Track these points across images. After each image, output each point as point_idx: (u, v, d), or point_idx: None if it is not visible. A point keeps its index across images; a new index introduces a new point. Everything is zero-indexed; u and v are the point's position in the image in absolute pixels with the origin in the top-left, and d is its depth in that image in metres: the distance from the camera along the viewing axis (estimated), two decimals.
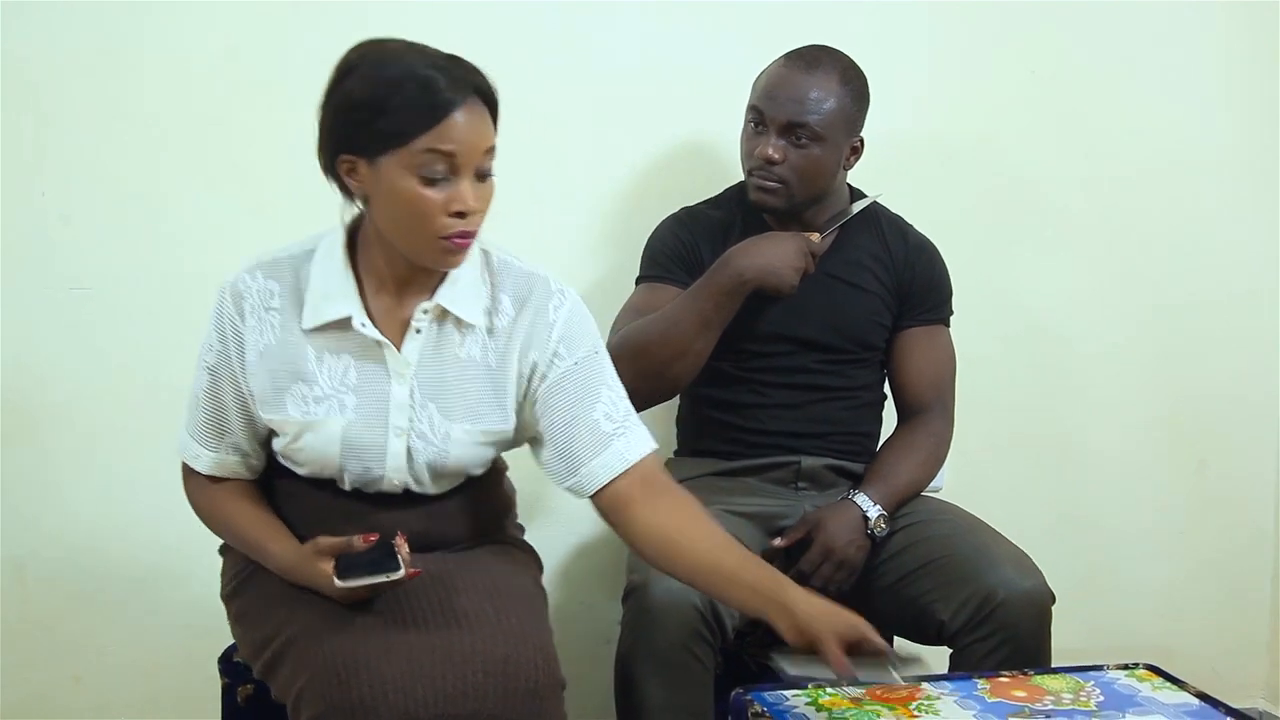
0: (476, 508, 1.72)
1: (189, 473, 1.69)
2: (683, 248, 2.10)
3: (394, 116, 1.45)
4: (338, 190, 1.55)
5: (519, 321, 1.62)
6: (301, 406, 1.58)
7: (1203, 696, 1.61)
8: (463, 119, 1.47)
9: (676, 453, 2.22)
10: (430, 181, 1.47)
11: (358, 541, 1.53)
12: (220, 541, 1.77)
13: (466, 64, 1.51)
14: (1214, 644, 2.69)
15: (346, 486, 1.63)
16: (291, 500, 1.67)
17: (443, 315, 1.60)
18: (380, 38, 1.53)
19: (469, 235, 1.52)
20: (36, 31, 2.09)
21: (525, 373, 1.62)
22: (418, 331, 1.59)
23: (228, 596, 1.72)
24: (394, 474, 1.61)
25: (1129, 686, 1.64)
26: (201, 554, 1.83)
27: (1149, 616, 2.68)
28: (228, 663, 1.82)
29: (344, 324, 1.57)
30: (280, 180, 1.71)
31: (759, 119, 2.01)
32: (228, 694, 1.83)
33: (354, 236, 1.61)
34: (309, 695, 1.47)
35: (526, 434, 1.68)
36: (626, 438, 1.63)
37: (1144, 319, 2.62)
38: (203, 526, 1.86)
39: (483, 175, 1.52)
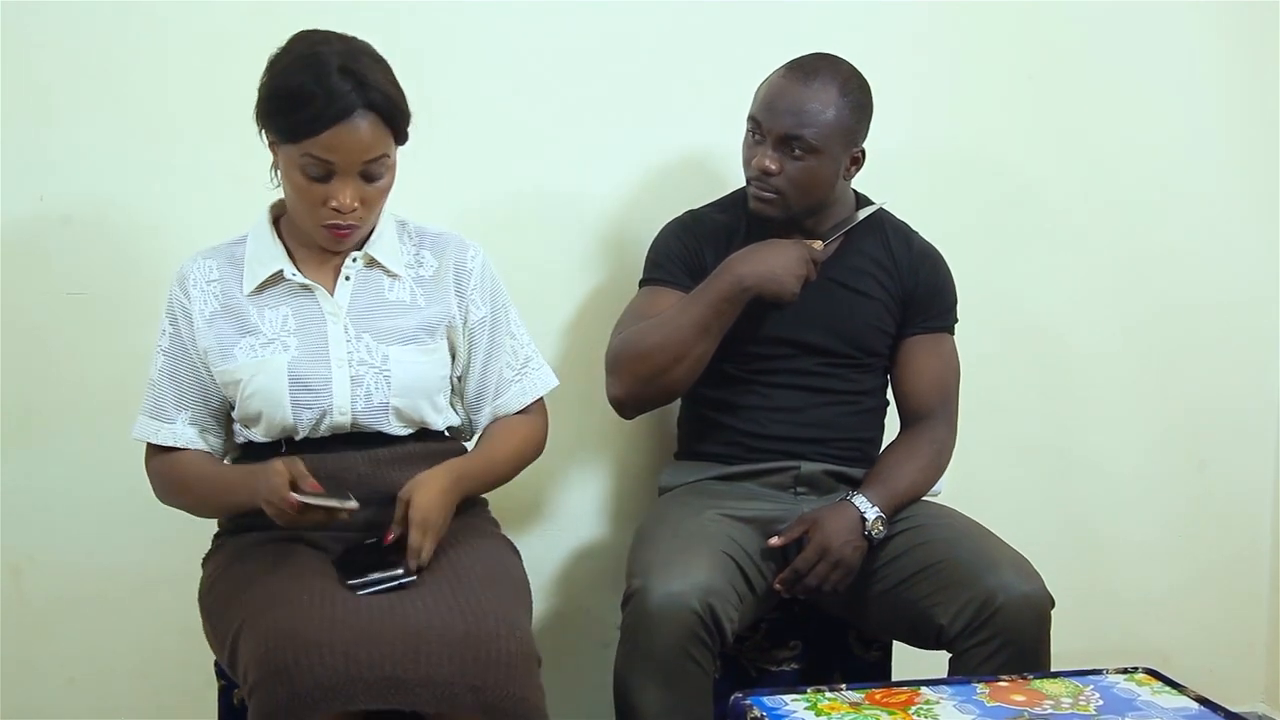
0: (430, 460, 1.78)
1: (151, 453, 1.82)
2: (686, 252, 2.10)
3: (286, 119, 1.65)
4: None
5: (442, 269, 1.84)
6: (249, 354, 1.75)
7: (1202, 700, 1.61)
8: (344, 133, 1.64)
9: (676, 455, 2.22)
10: (312, 178, 1.67)
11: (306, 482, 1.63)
12: (204, 553, 1.82)
13: (372, 76, 1.66)
14: (1213, 648, 2.69)
15: (300, 433, 1.75)
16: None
17: (371, 263, 1.80)
18: (316, 31, 1.72)
19: (346, 229, 1.72)
20: (37, 34, 2.08)
21: (453, 314, 1.83)
22: (347, 278, 1.79)
23: (201, 599, 1.77)
24: (342, 401, 1.74)
25: (1128, 690, 1.64)
26: (198, 558, 1.83)
27: (1148, 620, 2.68)
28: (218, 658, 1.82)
29: (277, 279, 1.78)
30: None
31: (757, 129, 2.01)
32: (224, 696, 1.83)
33: (283, 210, 1.81)
34: (250, 667, 1.51)
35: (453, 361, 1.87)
36: (523, 382, 1.89)
37: (1144, 325, 2.62)
38: (195, 529, 1.87)
39: (370, 177, 1.70)
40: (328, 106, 1.62)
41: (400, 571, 1.64)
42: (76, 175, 2.13)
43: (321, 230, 1.72)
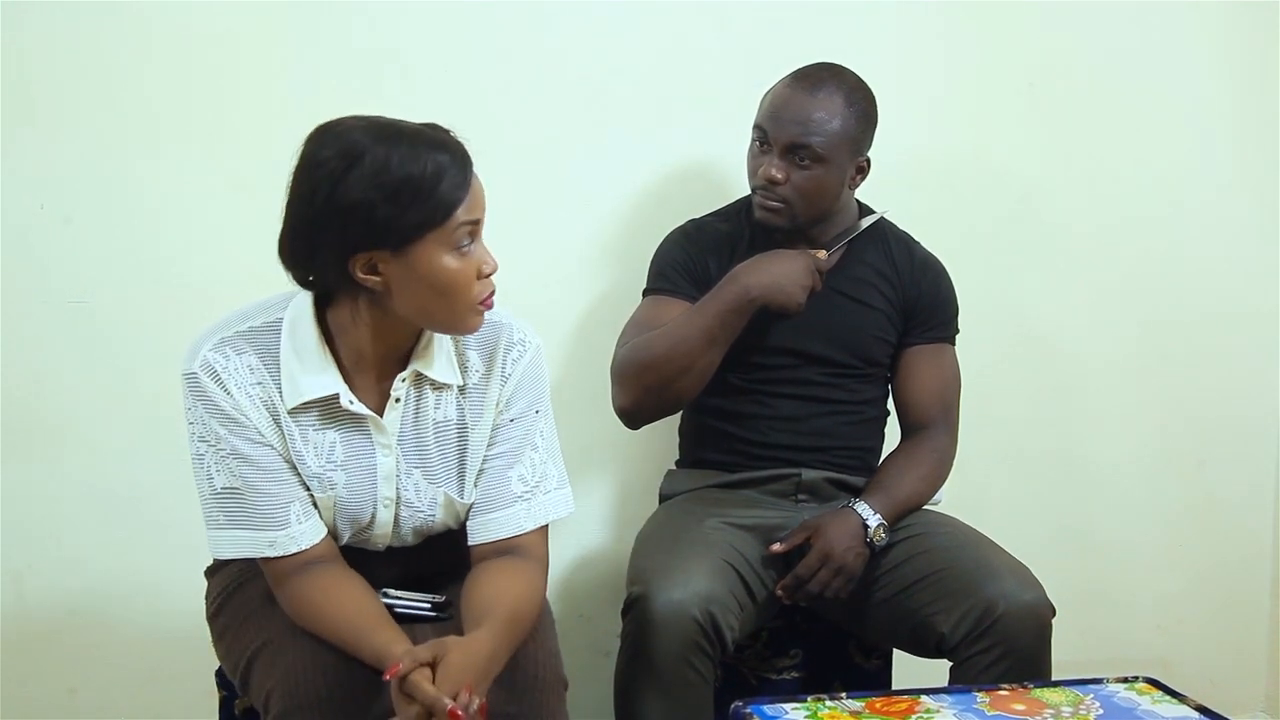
0: (453, 548, 1.69)
1: (270, 569, 1.56)
2: (690, 261, 2.10)
3: (432, 198, 1.42)
4: (328, 284, 1.50)
5: (487, 376, 1.63)
6: None
7: (1202, 710, 1.61)
8: (477, 181, 1.48)
9: (678, 463, 2.22)
10: (463, 250, 1.47)
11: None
12: (207, 563, 1.79)
13: (445, 131, 1.49)
14: (1213, 657, 2.69)
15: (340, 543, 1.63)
16: None
17: (419, 380, 1.60)
18: (327, 127, 1.47)
19: (492, 290, 1.53)
20: (37, 41, 2.09)
21: (493, 417, 1.64)
22: (397, 400, 1.58)
23: (211, 616, 1.73)
24: (382, 534, 1.64)
25: (1129, 700, 1.64)
26: (199, 567, 1.83)
27: (1148, 629, 2.68)
28: (224, 675, 1.81)
29: (328, 401, 1.55)
30: (282, 192, 1.72)
31: (763, 138, 2.02)
32: (224, 707, 1.83)
33: (323, 309, 1.56)
34: (274, 696, 1.48)
35: None
36: (530, 503, 1.63)
37: (1144, 334, 2.62)
38: (196, 537, 1.84)
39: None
40: (458, 163, 1.44)
41: (440, 599, 1.64)
42: (77, 183, 2.13)
43: (476, 310, 1.51)
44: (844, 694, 1.65)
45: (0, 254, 2.12)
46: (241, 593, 1.68)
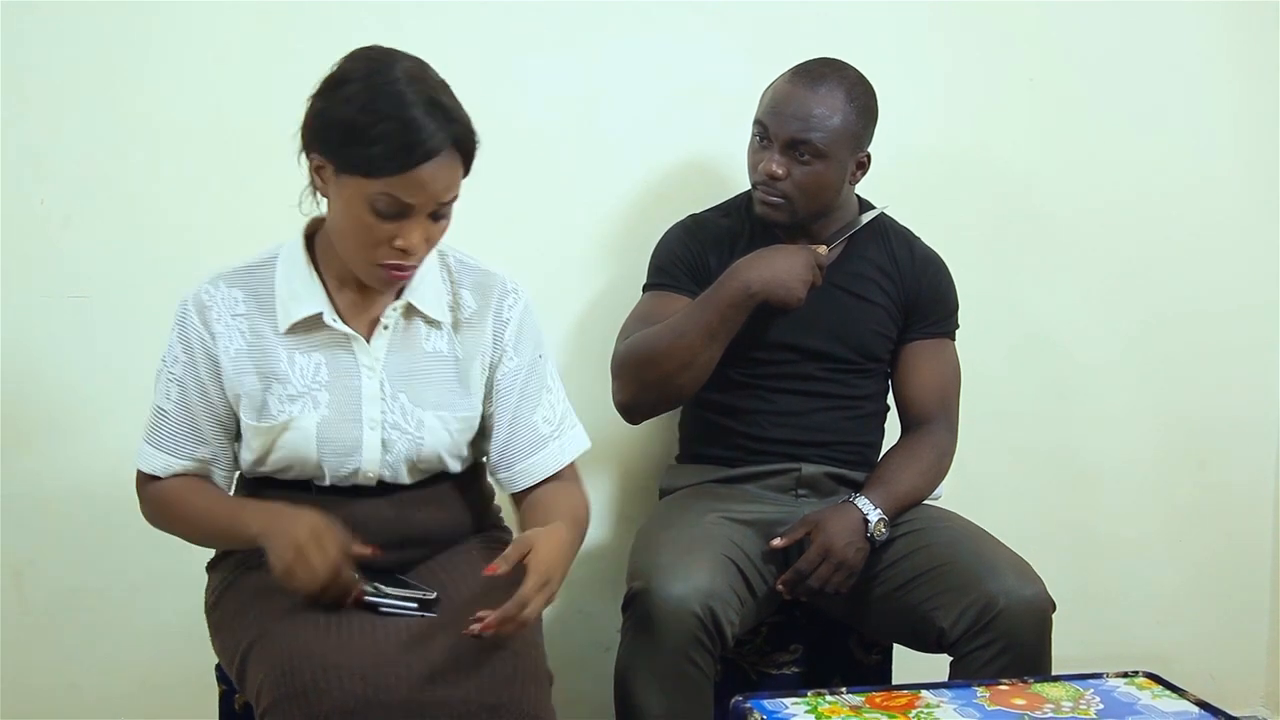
0: (451, 498, 1.74)
1: (146, 481, 1.70)
2: (690, 256, 2.10)
3: (366, 150, 1.48)
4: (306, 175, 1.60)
5: (481, 314, 1.70)
6: (277, 405, 1.63)
7: (1202, 704, 1.61)
8: (430, 173, 1.50)
9: (678, 458, 2.22)
10: (382, 215, 1.52)
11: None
12: (209, 557, 1.80)
13: (452, 109, 1.53)
14: (1213, 652, 2.69)
15: (326, 482, 1.66)
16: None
17: (410, 312, 1.67)
18: (388, 51, 1.55)
19: (406, 269, 1.58)
20: (37, 38, 2.09)
21: (487, 363, 1.70)
22: (385, 328, 1.65)
23: (209, 610, 1.74)
24: (370, 466, 1.65)
25: (1128, 694, 1.64)
26: (199, 561, 1.83)
27: (1148, 624, 2.68)
28: (224, 671, 1.82)
29: (314, 322, 1.63)
30: (281, 187, 1.72)
31: (764, 134, 2.02)
32: (224, 701, 1.83)
33: (312, 238, 1.67)
34: (264, 688, 1.49)
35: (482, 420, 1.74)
36: (561, 440, 1.74)
37: (1145, 330, 2.62)
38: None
39: (438, 216, 1.56)
40: (416, 146, 1.47)
41: (430, 596, 1.59)
42: (77, 178, 2.13)
43: (378, 270, 1.57)
44: (844, 689, 1.65)
45: (0, 249, 2.12)
46: (237, 586, 1.68)
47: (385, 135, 1.47)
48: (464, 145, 1.53)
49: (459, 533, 1.76)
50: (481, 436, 1.76)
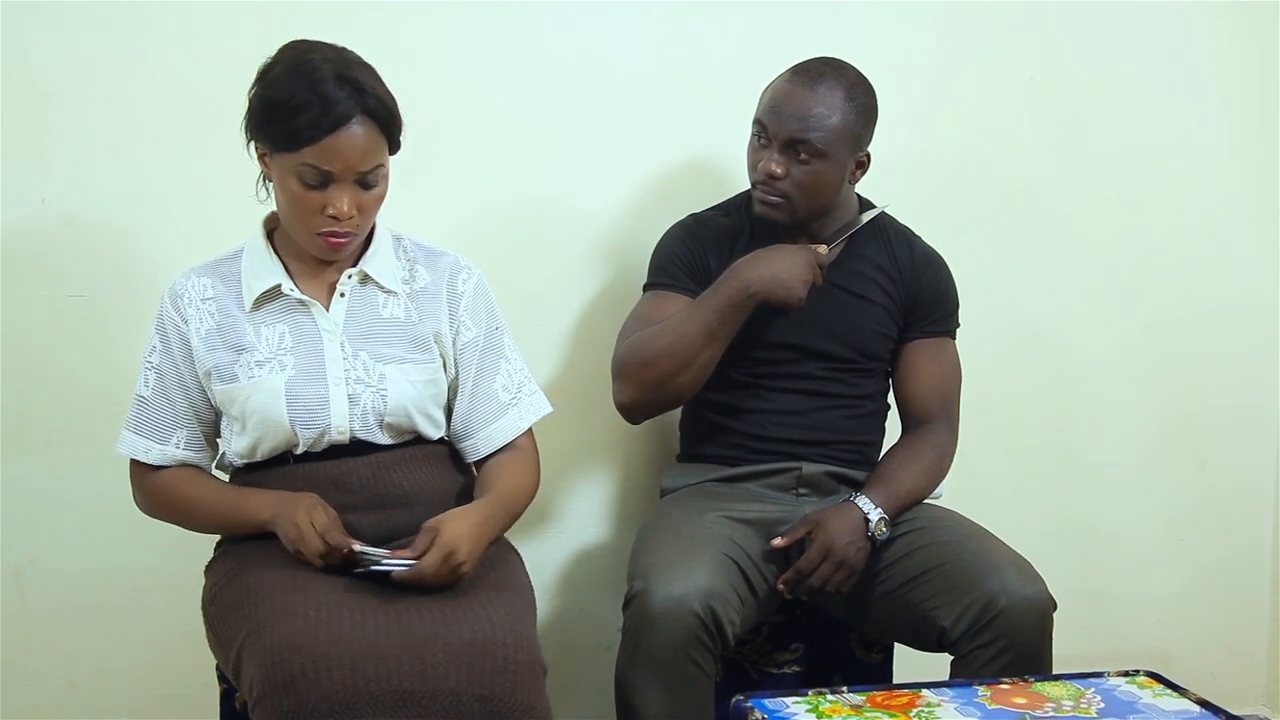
0: (430, 461, 1.81)
1: (139, 470, 1.80)
2: (690, 256, 2.10)
3: (283, 126, 1.64)
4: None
5: (435, 284, 1.82)
6: (247, 372, 1.74)
7: (1203, 703, 1.61)
8: (343, 140, 1.64)
9: (678, 458, 2.22)
10: (309, 185, 1.66)
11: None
12: (209, 557, 1.81)
13: (367, 82, 1.67)
14: (1214, 651, 2.69)
15: (300, 448, 1.75)
16: (252, 485, 1.79)
17: (365, 280, 1.79)
18: (304, 41, 1.71)
19: (342, 235, 1.70)
20: (38, 36, 2.09)
21: (443, 330, 1.81)
22: (342, 295, 1.78)
23: (205, 607, 1.76)
24: (339, 421, 1.74)
25: (1129, 693, 1.64)
26: (199, 561, 1.83)
27: (1149, 623, 2.68)
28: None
29: (274, 294, 1.76)
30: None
31: (763, 133, 2.01)
32: (225, 701, 1.83)
33: (274, 227, 1.82)
34: (255, 679, 1.50)
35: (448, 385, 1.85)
36: (519, 406, 1.86)
37: (1145, 328, 2.62)
38: (199, 535, 1.86)
39: (367, 185, 1.69)
40: (325, 114, 1.62)
41: (405, 562, 1.62)
42: (77, 179, 2.13)
43: (317, 239, 1.70)
44: (845, 688, 1.65)
45: (1, 248, 2.12)
46: (231, 585, 1.69)
47: (300, 108, 1.62)
48: (378, 115, 1.66)
49: (440, 496, 1.79)
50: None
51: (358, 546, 1.64)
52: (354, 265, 1.78)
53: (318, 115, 1.62)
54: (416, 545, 1.63)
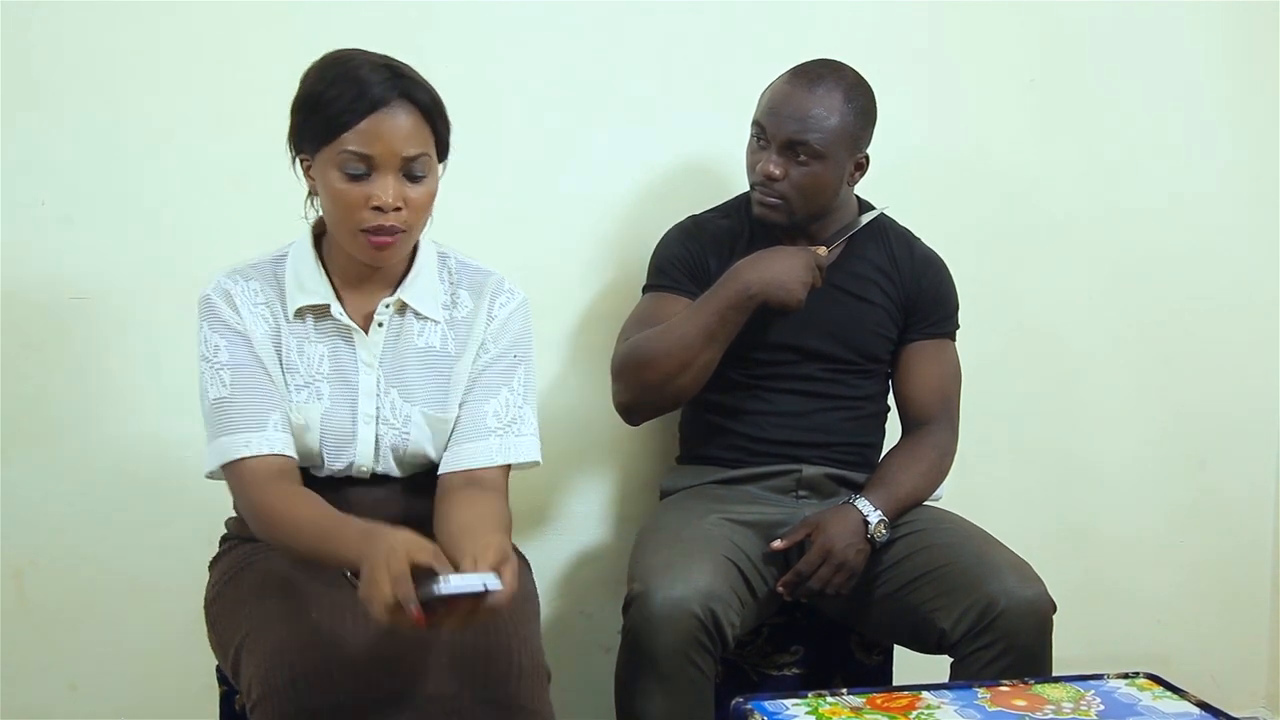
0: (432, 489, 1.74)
1: (243, 472, 1.62)
2: (690, 257, 2.10)
3: (321, 116, 1.57)
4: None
5: (475, 312, 1.74)
6: (293, 392, 1.68)
7: (1203, 705, 1.61)
8: (384, 121, 1.56)
9: (678, 459, 2.22)
10: (353, 177, 1.57)
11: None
12: (209, 557, 1.80)
13: (406, 72, 1.61)
14: (1214, 653, 2.69)
15: (322, 473, 1.70)
16: None
17: (402, 309, 1.71)
18: (347, 49, 1.64)
19: (388, 232, 1.59)
20: (38, 38, 2.09)
21: (475, 354, 1.73)
22: (380, 325, 1.70)
23: (207, 605, 1.75)
24: (364, 460, 1.69)
25: (1129, 695, 1.64)
26: (200, 561, 1.83)
27: (1149, 625, 2.68)
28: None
29: (320, 312, 1.69)
30: (282, 187, 1.72)
31: (761, 134, 2.01)
32: (225, 702, 1.83)
33: (321, 236, 1.73)
34: (255, 681, 1.49)
35: None
36: (504, 439, 1.71)
37: (1144, 329, 2.62)
38: (197, 533, 1.86)
39: (413, 177, 1.60)
40: (362, 95, 1.55)
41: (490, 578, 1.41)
42: (77, 178, 2.13)
43: (361, 238, 1.59)
44: (845, 690, 1.65)
45: (1, 250, 2.11)
46: (234, 583, 1.69)
47: (338, 95, 1.56)
48: (419, 101, 1.59)
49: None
50: None
51: (433, 585, 1.38)
52: (391, 291, 1.69)
53: (355, 98, 1.55)
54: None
